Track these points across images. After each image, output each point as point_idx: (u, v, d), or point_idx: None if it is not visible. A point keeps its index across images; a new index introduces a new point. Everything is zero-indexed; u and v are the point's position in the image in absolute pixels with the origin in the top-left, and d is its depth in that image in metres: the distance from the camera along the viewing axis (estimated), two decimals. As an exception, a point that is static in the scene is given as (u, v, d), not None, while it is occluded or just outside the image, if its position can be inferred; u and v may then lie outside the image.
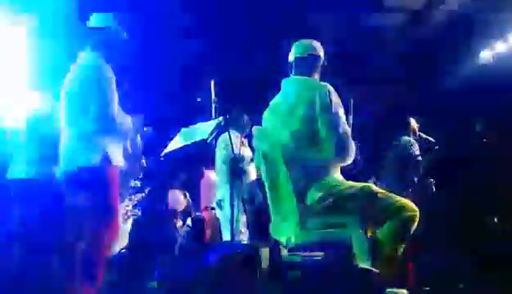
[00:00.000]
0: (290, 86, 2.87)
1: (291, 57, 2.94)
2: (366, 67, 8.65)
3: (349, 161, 2.69)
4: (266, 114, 2.95)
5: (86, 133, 2.94)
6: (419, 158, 4.86)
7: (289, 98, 2.79)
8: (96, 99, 2.94)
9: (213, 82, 7.11)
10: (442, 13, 6.87)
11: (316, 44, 2.95)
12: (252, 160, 4.95)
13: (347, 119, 3.62)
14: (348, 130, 2.69)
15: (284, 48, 3.05)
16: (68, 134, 3.03)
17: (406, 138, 5.00)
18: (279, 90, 2.94)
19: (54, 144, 3.15)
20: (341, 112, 2.67)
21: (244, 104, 5.19)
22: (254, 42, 7.70)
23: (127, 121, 3.11)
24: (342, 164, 2.72)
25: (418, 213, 2.54)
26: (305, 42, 2.96)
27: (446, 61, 7.03)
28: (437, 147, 5.08)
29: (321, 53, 2.94)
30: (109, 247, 2.97)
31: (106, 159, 2.93)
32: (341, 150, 2.61)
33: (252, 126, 2.88)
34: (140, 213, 5.38)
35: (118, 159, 3.05)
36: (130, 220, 5.31)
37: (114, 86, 3.02)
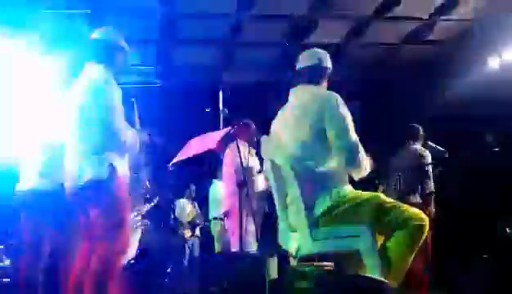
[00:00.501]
0: (298, 95, 2.86)
1: (298, 66, 2.94)
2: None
3: (360, 170, 2.65)
4: (274, 123, 2.95)
5: (92, 147, 2.95)
6: (430, 167, 4.83)
7: (297, 107, 2.78)
8: (101, 112, 2.97)
9: (221, 91, 7.16)
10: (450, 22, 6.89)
11: (323, 53, 2.95)
12: (260, 170, 4.95)
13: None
14: (357, 139, 2.67)
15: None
16: (73, 148, 3.04)
17: (417, 146, 4.97)
18: (287, 99, 2.93)
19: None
20: (349, 120, 2.65)
21: (252, 112, 5.20)
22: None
23: (132, 134, 3.13)
24: (353, 174, 2.69)
25: (427, 223, 2.52)
26: (312, 50, 2.96)
27: (454, 70, 7.00)
28: (446, 155, 5.04)
29: (328, 62, 2.94)
30: (120, 259, 2.96)
31: (114, 172, 2.94)
32: (351, 160, 2.59)
33: (260, 135, 2.87)
34: (149, 224, 5.40)
35: (124, 171, 3.06)
36: (139, 231, 5.33)
37: (119, 99, 3.05)
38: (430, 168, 4.82)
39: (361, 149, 2.64)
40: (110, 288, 2.84)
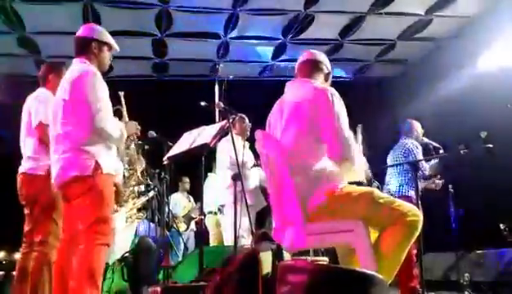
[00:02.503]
0: (293, 89, 2.87)
1: (296, 65, 2.99)
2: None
3: (352, 165, 2.66)
4: (269, 118, 2.95)
5: (77, 142, 2.95)
6: (424, 162, 4.82)
7: (293, 101, 2.78)
8: (87, 106, 2.97)
9: (216, 84, 7.15)
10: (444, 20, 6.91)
11: (319, 52, 2.99)
12: (254, 164, 4.95)
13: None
14: (351, 134, 2.68)
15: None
16: (59, 144, 3.03)
17: (409, 141, 4.97)
18: (283, 93, 2.94)
19: None
20: (344, 115, 2.65)
21: (248, 106, 5.20)
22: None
23: (120, 128, 3.13)
24: (346, 168, 2.70)
25: (421, 218, 2.53)
26: (309, 51, 3.00)
27: (448, 68, 7.03)
28: (441, 151, 5.05)
29: (324, 59, 2.95)
30: (103, 254, 2.96)
31: (98, 168, 2.95)
32: (345, 154, 2.60)
33: (254, 129, 2.87)
34: (144, 217, 5.38)
35: (110, 167, 3.06)
36: (134, 224, 5.31)
37: (105, 92, 3.04)
38: (424, 164, 4.82)
39: (353, 143, 2.65)
40: (93, 281, 2.83)
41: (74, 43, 3.22)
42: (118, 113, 3.83)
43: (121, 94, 4.16)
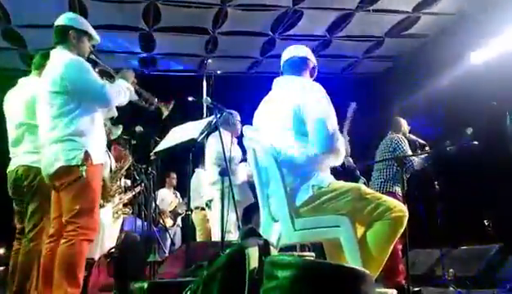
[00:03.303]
0: (280, 85, 2.88)
1: (282, 61, 2.98)
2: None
3: (339, 158, 2.69)
4: (257, 113, 2.95)
5: (65, 133, 2.93)
6: (410, 158, 4.84)
7: (279, 97, 2.80)
8: (74, 95, 2.95)
9: (204, 79, 7.11)
10: (433, 15, 6.96)
11: (304, 47, 2.99)
12: (242, 160, 4.95)
13: (344, 123, 3.65)
14: (337, 127, 2.69)
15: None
16: (48, 133, 3.00)
17: (394, 136, 5.00)
18: (270, 89, 2.94)
19: None
20: (330, 109, 2.66)
21: (236, 102, 5.19)
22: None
23: (120, 85, 3.17)
24: (332, 162, 2.72)
25: (407, 214, 2.55)
26: (293, 46, 3.00)
27: (437, 63, 7.09)
28: (427, 148, 5.09)
29: (308, 54, 2.96)
30: (86, 246, 2.93)
31: (88, 158, 2.93)
32: (330, 148, 2.61)
33: (242, 125, 2.88)
34: (130, 212, 5.36)
35: (99, 158, 3.03)
36: (120, 219, 5.29)
37: (92, 75, 3.02)
38: (409, 158, 4.83)
39: (339, 136, 2.67)
40: (72, 278, 2.82)
41: (53, 33, 3.17)
42: (106, 74, 3.66)
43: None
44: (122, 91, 3.17)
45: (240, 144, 4.21)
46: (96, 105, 3.08)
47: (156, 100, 3.60)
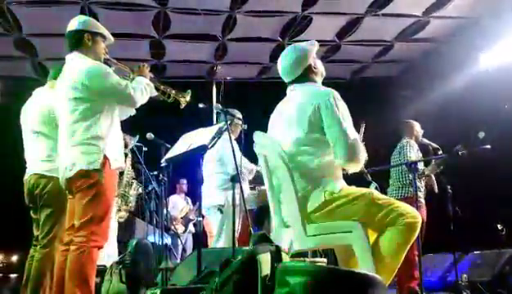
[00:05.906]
0: (295, 91, 2.84)
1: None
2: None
3: (359, 166, 2.68)
4: (271, 120, 2.95)
5: (85, 137, 2.92)
6: (421, 163, 4.81)
7: (294, 104, 2.76)
8: (99, 100, 2.96)
9: (214, 85, 7.11)
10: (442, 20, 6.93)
11: (302, 49, 2.85)
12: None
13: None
14: (357, 134, 2.68)
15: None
16: (66, 137, 3.00)
17: (403, 141, 4.98)
18: (285, 95, 2.92)
19: None
20: (347, 116, 2.65)
21: (248, 108, 5.19)
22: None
23: (139, 82, 3.19)
24: (351, 170, 2.71)
25: (420, 220, 2.53)
26: (290, 49, 2.87)
27: (446, 68, 7.05)
28: (440, 152, 5.04)
29: (307, 54, 2.83)
30: (96, 250, 2.93)
31: (107, 162, 2.92)
32: (352, 158, 2.59)
33: (250, 131, 2.87)
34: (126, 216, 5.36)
35: (118, 162, 3.04)
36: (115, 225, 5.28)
37: (115, 77, 3.02)
38: (422, 165, 4.81)
39: (360, 144, 2.65)
40: (84, 285, 2.81)
41: (66, 38, 3.14)
42: (122, 72, 3.63)
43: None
44: (144, 89, 3.16)
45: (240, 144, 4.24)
46: (122, 106, 3.11)
47: (174, 91, 3.57)
